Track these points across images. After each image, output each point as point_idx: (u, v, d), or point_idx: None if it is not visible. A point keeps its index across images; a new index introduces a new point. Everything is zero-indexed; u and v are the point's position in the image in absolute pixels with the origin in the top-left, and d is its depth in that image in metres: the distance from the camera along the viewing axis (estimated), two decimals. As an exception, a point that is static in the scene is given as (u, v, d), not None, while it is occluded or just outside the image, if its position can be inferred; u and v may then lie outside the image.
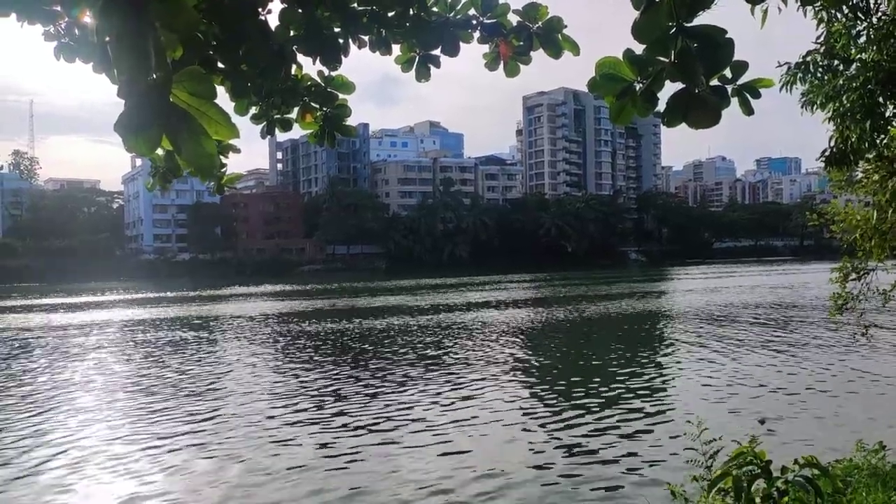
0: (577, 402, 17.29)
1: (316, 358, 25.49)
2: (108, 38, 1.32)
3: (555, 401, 17.60)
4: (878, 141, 7.16)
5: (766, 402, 16.52)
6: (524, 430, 14.90)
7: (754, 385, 18.69)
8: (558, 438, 14.13)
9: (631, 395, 17.81)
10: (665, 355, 25.16)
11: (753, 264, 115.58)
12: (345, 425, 15.43)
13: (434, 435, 14.45)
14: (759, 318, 35.46)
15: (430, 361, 23.80)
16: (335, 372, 22.34)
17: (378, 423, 15.49)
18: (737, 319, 34.96)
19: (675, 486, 6.30)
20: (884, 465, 7.42)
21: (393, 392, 18.86)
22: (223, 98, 2.35)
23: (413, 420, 15.74)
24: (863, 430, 12.00)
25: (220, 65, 2.46)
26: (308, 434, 14.81)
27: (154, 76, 1.34)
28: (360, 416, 16.24)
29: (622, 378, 20.23)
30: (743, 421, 14.61)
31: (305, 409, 17.13)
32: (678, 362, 23.00)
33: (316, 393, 19.12)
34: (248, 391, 19.47)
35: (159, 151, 2.92)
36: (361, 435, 14.59)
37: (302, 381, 20.83)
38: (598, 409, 16.45)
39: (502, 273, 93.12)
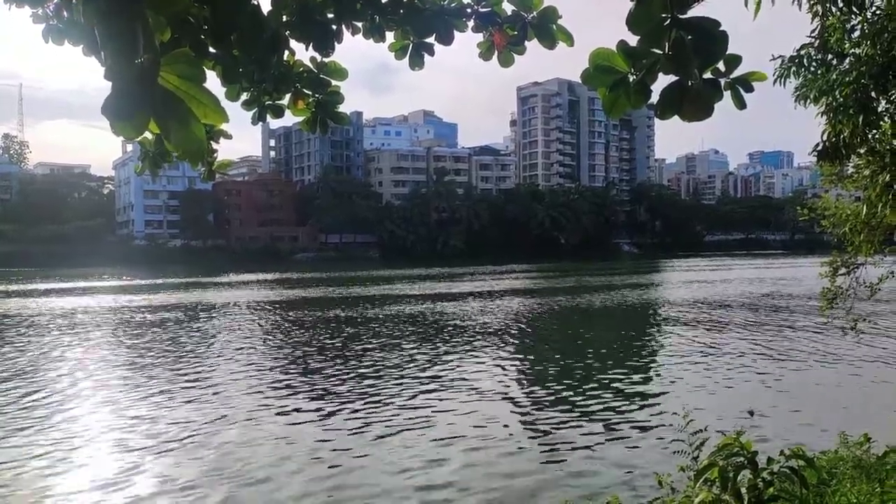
0: (567, 391, 17.39)
1: (309, 344, 25.48)
2: (95, 20, 1.30)
3: (544, 389, 17.70)
4: (869, 135, 7.18)
5: (754, 394, 16.68)
6: (511, 417, 15.00)
7: (743, 376, 18.87)
8: (547, 426, 14.24)
9: (620, 385, 17.93)
10: (655, 346, 25.33)
11: (744, 257, 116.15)
12: (337, 410, 15.48)
13: (423, 419, 14.54)
14: (750, 310, 35.69)
15: (424, 349, 23.85)
16: (328, 359, 22.35)
17: (370, 408, 15.54)
18: (727, 311, 35.18)
19: (661, 475, 6.35)
20: (868, 457, 7.49)
21: (387, 378, 18.89)
22: (214, 83, 2.33)
23: (405, 406, 15.80)
24: (849, 422, 12.12)
25: (211, 49, 2.42)
26: (299, 418, 14.84)
27: (142, 59, 1.32)
28: (353, 402, 16.28)
29: (612, 368, 20.36)
30: (732, 411, 14.74)
31: (299, 394, 17.16)
32: (668, 353, 23.16)
33: (307, 378, 19.14)
34: (239, 377, 19.45)
35: (148, 135, 2.89)
36: (353, 420, 14.64)
37: (295, 367, 20.84)
38: (587, 398, 16.56)
39: (496, 263, 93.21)
